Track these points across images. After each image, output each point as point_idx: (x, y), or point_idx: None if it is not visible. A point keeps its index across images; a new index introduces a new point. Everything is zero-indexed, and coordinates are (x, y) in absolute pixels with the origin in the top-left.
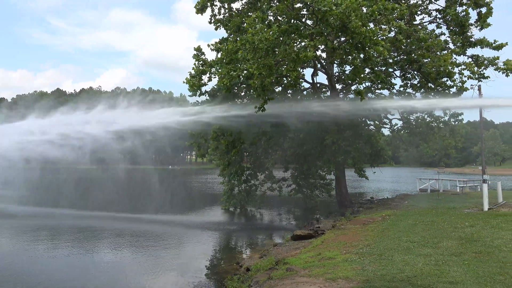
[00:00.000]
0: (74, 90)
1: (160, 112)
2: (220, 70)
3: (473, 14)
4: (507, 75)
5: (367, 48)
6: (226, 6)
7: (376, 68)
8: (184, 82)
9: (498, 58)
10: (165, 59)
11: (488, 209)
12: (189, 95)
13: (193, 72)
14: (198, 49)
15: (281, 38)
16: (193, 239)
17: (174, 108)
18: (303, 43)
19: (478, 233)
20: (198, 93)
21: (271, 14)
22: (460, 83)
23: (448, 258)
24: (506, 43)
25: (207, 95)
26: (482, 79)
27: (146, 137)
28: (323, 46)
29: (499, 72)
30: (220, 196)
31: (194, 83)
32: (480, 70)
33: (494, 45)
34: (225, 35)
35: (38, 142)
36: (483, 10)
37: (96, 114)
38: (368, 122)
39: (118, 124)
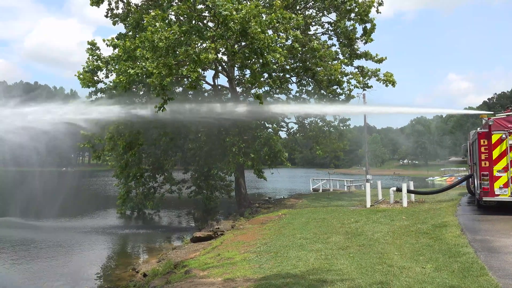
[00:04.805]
0: None
1: (44, 109)
2: (117, 67)
3: (360, 29)
4: (386, 86)
5: (265, 54)
6: (124, 0)
7: (274, 74)
8: (75, 75)
9: (379, 70)
10: (55, 53)
11: (370, 206)
12: (85, 96)
13: (86, 67)
14: (92, 43)
15: (182, 38)
16: (85, 246)
17: (62, 105)
18: (204, 45)
19: (361, 228)
20: (93, 90)
21: (172, 13)
22: (348, 91)
23: (336, 252)
24: (386, 58)
25: (102, 93)
26: (366, 88)
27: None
28: (223, 49)
29: (380, 82)
30: (115, 199)
31: (87, 79)
32: (364, 80)
33: (376, 58)
34: (124, 31)
35: None
36: (368, 26)
37: None
38: (267, 125)
39: None
